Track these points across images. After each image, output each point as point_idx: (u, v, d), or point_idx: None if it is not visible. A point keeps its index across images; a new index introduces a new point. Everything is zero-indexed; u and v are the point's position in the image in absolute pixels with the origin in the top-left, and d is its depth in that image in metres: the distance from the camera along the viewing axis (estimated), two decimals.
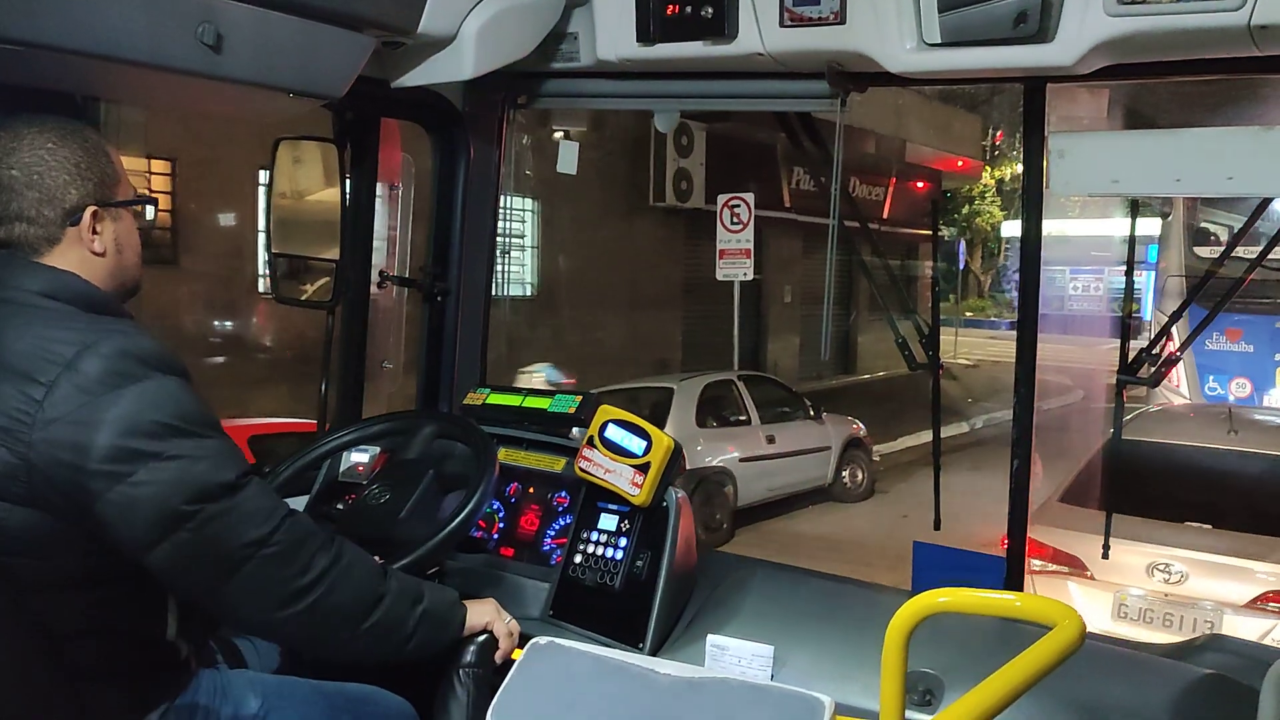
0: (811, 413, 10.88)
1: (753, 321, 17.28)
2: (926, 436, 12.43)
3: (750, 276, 11.70)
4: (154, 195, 1.99)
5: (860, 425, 11.40)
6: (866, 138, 17.83)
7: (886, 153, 19.21)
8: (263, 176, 9.80)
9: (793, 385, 12.22)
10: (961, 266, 27.87)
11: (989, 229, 28.85)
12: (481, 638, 1.88)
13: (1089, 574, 5.28)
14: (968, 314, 29.72)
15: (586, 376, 11.74)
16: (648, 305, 15.08)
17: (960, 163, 22.41)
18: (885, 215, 18.97)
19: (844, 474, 10.98)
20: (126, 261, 1.72)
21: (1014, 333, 2.34)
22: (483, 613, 1.91)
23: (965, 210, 28.22)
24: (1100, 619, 5.15)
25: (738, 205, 11.52)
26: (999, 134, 24.65)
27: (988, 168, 26.26)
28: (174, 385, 1.56)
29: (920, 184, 20.77)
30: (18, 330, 1.54)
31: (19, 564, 1.52)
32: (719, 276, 11.73)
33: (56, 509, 1.51)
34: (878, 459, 11.71)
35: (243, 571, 1.57)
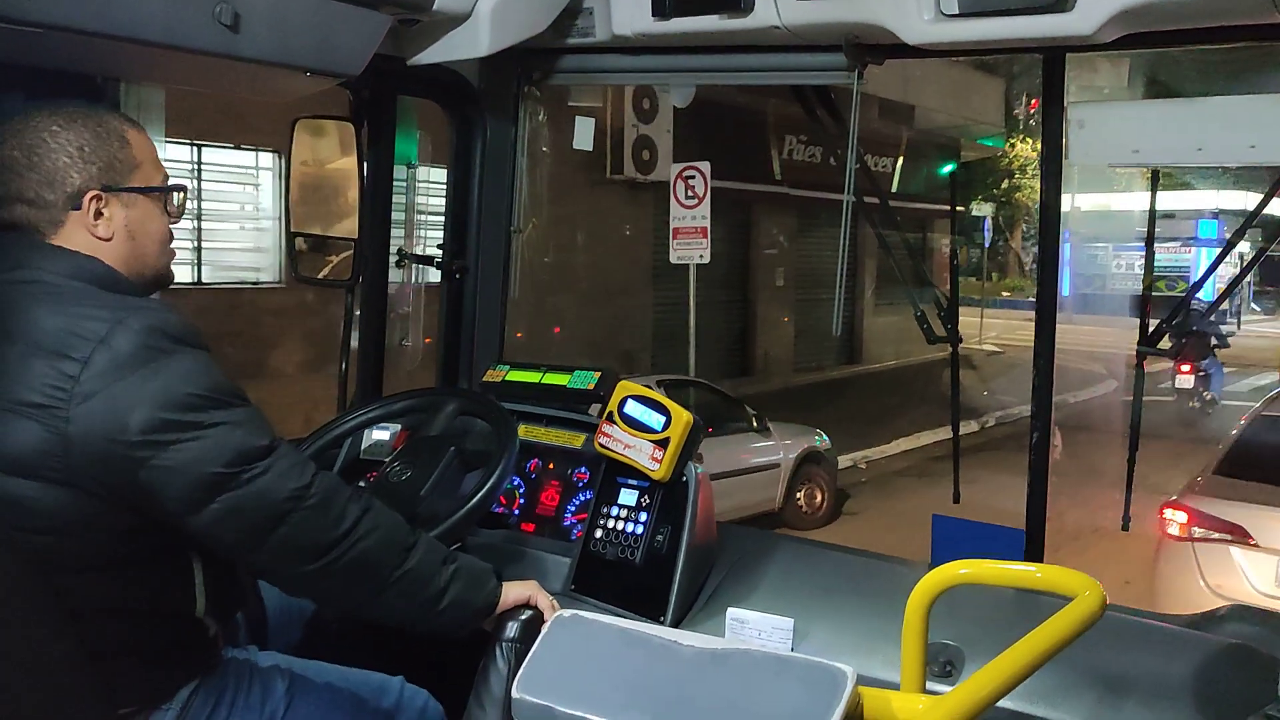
0: (755, 424, 9.14)
1: (739, 308, 16.09)
2: (928, 438, 11.99)
3: (707, 259, 9.74)
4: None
5: (822, 437, 9.65)
6: (872, 102, 16.00)
7: (900, 119, 17.78)
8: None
9: (789, 377, 10.87)
10: (988, 244, 27.19)
11: (1029, 203, 27.25)
12: (525, 615, 1.88)
13: (1253, 541, 5.48)
14: (1004, 294, 28.97)
15: None
16: (613, 292, 13.25)
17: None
18: (894, 188, 17.78)
19: (799, 495, 9.22)
20: (143, 249, 1.70)
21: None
22: (525, 586, 1.91)
23: (1005, 185, 27.19)
24: (1264, 583, 5.36)
25: (693, 176, 9.54)
26: (1034, 102, 23.77)
27: (1026, 139, 25.34)
28: (203, 359, 1.59)
29: (936, 154, 19.95)
30: (48, 309, 1.55)
31: (49, 544, 1.54)
32: (672, 259, 9.84)
33: (92, 486, 1.52)
34: (864, 466, 10.66)
35: (284, 525, 1.60)
